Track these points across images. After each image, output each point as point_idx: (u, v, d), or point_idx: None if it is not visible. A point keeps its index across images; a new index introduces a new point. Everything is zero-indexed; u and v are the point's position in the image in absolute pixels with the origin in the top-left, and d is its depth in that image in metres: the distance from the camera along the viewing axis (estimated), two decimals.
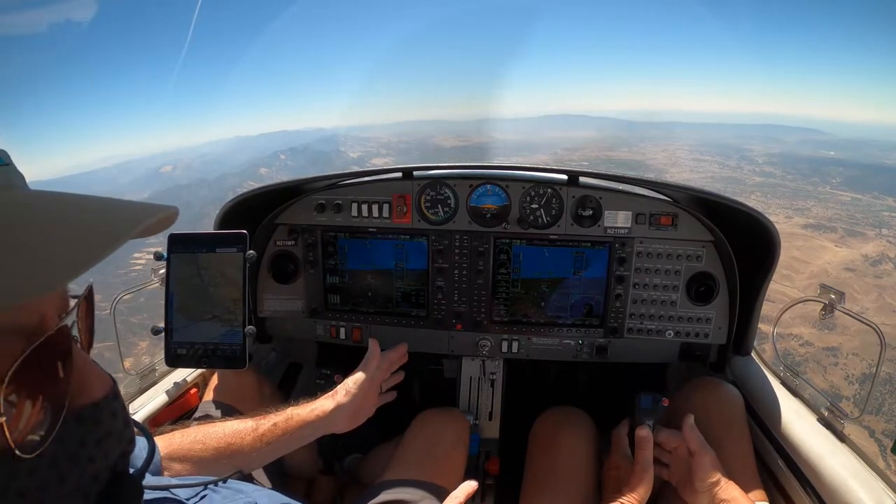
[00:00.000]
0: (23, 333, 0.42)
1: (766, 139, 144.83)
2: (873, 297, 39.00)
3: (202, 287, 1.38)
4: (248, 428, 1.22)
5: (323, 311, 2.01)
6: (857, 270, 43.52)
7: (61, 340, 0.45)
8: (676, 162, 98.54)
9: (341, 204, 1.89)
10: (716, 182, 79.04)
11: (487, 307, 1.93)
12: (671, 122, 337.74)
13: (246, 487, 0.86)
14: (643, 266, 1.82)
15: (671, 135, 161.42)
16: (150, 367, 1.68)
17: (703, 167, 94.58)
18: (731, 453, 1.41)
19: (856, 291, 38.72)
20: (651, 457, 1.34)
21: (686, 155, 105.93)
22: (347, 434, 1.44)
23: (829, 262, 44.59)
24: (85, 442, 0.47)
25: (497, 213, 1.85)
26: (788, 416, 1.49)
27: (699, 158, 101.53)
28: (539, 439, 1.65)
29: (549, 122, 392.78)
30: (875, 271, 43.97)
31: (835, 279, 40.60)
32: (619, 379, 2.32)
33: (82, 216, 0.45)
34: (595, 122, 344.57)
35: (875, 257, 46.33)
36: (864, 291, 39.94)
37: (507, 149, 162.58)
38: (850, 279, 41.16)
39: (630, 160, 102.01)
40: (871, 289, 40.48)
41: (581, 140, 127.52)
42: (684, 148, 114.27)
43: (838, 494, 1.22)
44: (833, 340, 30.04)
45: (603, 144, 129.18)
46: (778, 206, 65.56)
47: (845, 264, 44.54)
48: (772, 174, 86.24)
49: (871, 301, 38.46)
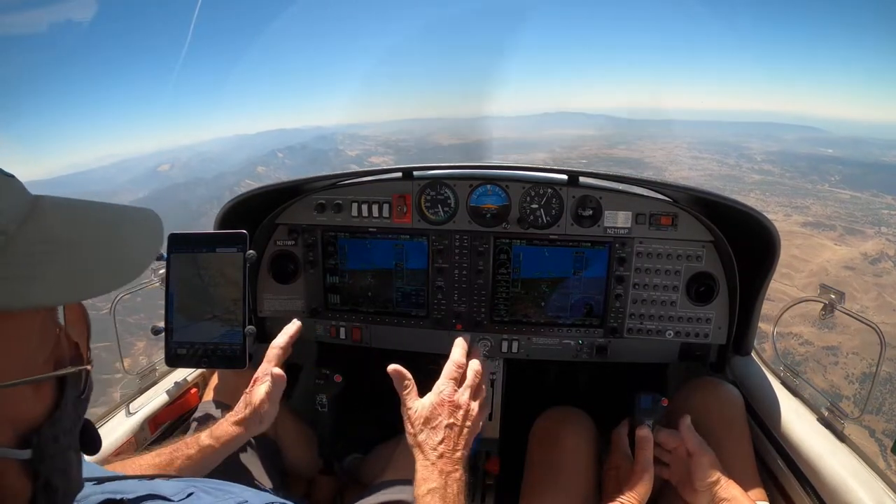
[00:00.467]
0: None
1: (765, 137, 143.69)
2: (873, 296, 38.77)
3: (202, 287, 1.38)
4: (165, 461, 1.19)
5: (323, 311, 2.01)
6: (856, 269, 43.20)
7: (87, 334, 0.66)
8: (675, 160, 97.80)
9: (341, 204, 1.89)
10: (714, 180, 78.32)
11: (487, 307, 1.92)
12: (669, 120, 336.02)
13: (234, 488, 0.86)
14: (643, 266, 1.82)
15: (670, 132, 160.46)
16: (150, 367, 1.68)
17: (701, 165, 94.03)
18: (731, 453, 1.41)
19: (855, 290, 38.37)
20: (651, 456, 1.34)
21: (684, 153, 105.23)
22: (347, 434, 1.44)
23: (829, 261, 44.26)
24: (87, 386, 0.64)
25: (497, 213, 1.85)
26: (788, 416, 1.49)
27: (697, 156, 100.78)
28: (539, 439, 1.65)
29: (547, 119, 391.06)
30: (874, 270, 43.67)
31: (834, 278, 40.22)
32: (619, 379, 2.32)
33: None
34: (593, 120, 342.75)
35: (874, 255, 45.99)
36: (864, 290, 39.63)
37: (506, 146, 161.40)
38: (849, 277, 40.81)
39: (629, 158, 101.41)
40: (871, 287, 40.20)
41: (579, 138, 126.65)
42: (683, 146, 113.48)
43: (838, 494, 1.22)
44: (833, 339, 29.86)
45: (601, 142, 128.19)
46: (777, 205, 65.07)
47: (844, 263, 44.21)
48: (770, 172, 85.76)
49: (871, 300, 38.20)
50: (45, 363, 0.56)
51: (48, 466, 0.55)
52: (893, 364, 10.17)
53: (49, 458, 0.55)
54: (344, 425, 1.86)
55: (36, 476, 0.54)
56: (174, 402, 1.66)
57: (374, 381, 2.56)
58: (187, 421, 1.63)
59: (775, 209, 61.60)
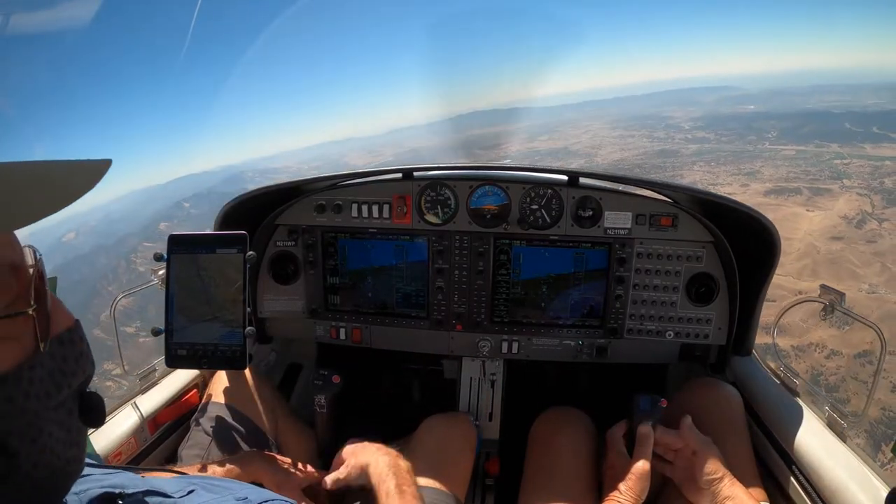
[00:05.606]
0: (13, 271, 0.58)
1: (684, 103, 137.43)
2: (876, 270, 33.55)
3: (202, 288, 1.38)
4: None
5: (323, 312, 2.01)
6: (844, 238, 38.75)
7: (39, 277, 0.61)
8: (603, 142, 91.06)
9: (341, 204, 1.89)
10: (652, 158, 73.43)
11: (488, 308, 1.92)
12: (583, 103, 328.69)
13: (234, 485, 0.86)
14: (643, 267, 1.82)
15: (587, 115, 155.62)
16: (151, 367, 1.68)
17: (633, 143, 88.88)
18: (731, 454, 1.41)
19: (856, 266, 33.75)
20: (650, 454, 1.34)
21: (609, 133, 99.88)
22: (348, 435, 1.44)
23: (811, 233, 39.64)
24: (67, 358, 0.61)
25: (497, 214, 1.85)
26: (788, 417, 1.49)
27: (624, 135, 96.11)
28: (539, 440, 1.65)
29: (462, 120, 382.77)
30: (864, 235, 39.20)
31: (826, 255, 35.87)
32: (619, 379, 2.32)
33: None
34: (508, 114, 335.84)
35: (855, 216, 41.93)
36: (864, 263, 34.70)
37: (426, 154, 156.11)
38: (843, 252, 36.30)
39: (554, 148, 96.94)
40: (870, 259, 35.38)
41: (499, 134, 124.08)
42: (605, 126, 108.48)
43: (838, 495, 1.22)
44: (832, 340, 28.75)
45: (521, 136, 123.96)
46: (727, 174, 59.50)
47: (828, 232, 39.59)
48: (706, 139, 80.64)
49: (875, 274, 33.09)
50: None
51: (1, 425, 0.54)
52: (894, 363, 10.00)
53: (1, 415, 0.54)
54: (344, 426, 1.86)
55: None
56: (174, 402, 1.66)
57: (374, 382, 2.57)
58: (187, 421, 1.63)
59: (728, 180, 56.81)
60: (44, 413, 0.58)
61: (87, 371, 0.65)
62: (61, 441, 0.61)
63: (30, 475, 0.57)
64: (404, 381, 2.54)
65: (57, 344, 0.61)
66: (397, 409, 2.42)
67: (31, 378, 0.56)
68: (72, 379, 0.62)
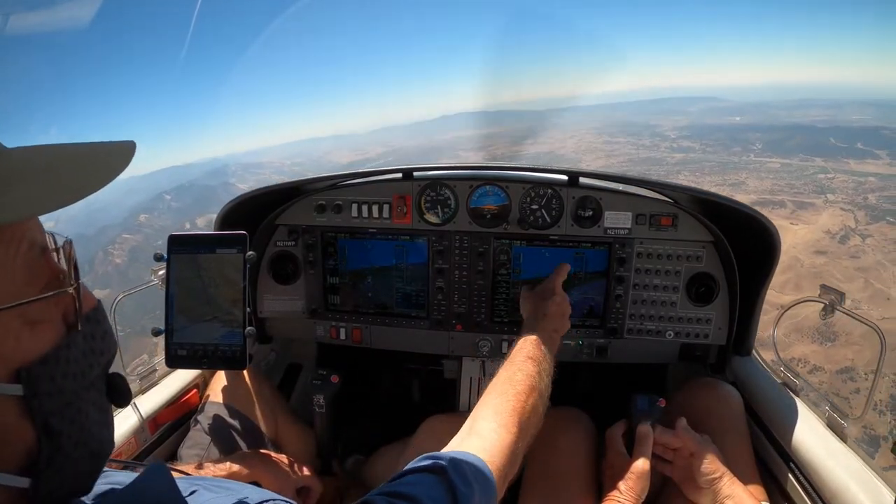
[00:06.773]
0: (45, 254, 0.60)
1: (670, 112, 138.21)
2: (860, 286, 34.96)
3: (202, 288, 1.38)
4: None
5: (323, 312, 2.01)
6: (828, 253, 39.57)
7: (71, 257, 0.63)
8: (589, 148, 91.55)
9: (341, 204, 1.89)
10: (636, 165, 73.88)
11: (488, 308, 1.92)
12: (571, 108, 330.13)
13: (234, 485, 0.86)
14: (643, 267, 1.82)
15: (575, 120, 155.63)
16: (151, 367, 1.68)
17: (618, 150, 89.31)
18: (731, 454, 1.41)
19: (840, 281, 34.21)
20: (649, 453, 1.34)
21: (595, 139, 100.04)
22: (348, 435, 1.44)
23: (795, 246, 40.14)
24: (95, 337, 0.63)
25: (497, 214, 1.85)
26: (789, 417, 1.49)
27: (610, 141, 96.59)
28: (538, 439, 1.64)
29: (446, 122, 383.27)
30: (847, 250, 39.92)
31: (809, 269, 36.60)
32: (619, 379, 2.32)
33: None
34: (496, 117, 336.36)
35: (838, 231, 42.58)
36: (848, 278, 35.56)
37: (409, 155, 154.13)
38: (826, 266, 37.12)
39: (540, 152, 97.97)
40: (853, 274, 36.38)
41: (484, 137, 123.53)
42: (592, 132, 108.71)
43: (839, 495, 1.22)
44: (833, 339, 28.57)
45: (507, 139, 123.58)
46: (712, 184, 59.10)
47: (812, 246, 40.41)
48: (691, 149, 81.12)
49: (859, 289, 34.24)
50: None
51: (44, 405, 0.55)
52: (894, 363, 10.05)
53: (44, 395, 0.55)
54: (344, 426, 1.86)
55: (33, 416, 0.54)
56: (174, 402, 1.66)
57: (374, 382, 2.57)
58: (187, 421, 1.63)
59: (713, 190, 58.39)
60: (81, 392, 0.60)
61: (112, 350, 0.67)
62: (96, 422, 0.62)
63: (70, 456, 0.58)
64: (404, 381, 2.54)
65: (87, 323, 0.62)
66: (397, 409, 2.42)
67: (67, 357, 0.58)
68: (100, 357, 0.64)
